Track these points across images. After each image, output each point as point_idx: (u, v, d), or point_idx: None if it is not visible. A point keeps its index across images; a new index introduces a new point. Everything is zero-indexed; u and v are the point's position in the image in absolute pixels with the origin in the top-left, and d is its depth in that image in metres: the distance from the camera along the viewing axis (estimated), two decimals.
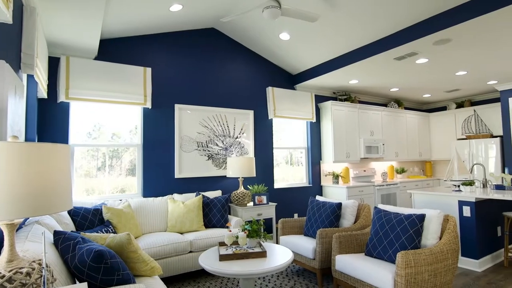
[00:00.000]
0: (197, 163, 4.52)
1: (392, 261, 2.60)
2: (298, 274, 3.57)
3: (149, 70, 4.15)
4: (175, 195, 4.08)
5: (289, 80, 5.73)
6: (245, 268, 2.44)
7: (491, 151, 6.18)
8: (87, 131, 3.93)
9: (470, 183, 3.99)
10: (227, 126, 4.84)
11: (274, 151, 5.47)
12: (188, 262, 3.41)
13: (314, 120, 5.81)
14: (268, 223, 5.08)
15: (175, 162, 4.33)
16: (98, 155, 4.01)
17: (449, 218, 2.72)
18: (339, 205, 3.50)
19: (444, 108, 7.74)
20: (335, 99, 6.29)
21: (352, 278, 2.71)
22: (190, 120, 4.50)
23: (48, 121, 3.63)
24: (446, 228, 2.68)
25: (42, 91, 3.13)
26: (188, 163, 4.43)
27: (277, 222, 5.14)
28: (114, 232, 3.07)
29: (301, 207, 5.63)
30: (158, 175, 4.22)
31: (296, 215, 5.54)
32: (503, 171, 5.95)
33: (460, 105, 7.15)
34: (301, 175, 5.87)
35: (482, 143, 6.32)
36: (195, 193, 4.22)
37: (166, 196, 4.01)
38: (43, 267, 1.24)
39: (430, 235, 2.65)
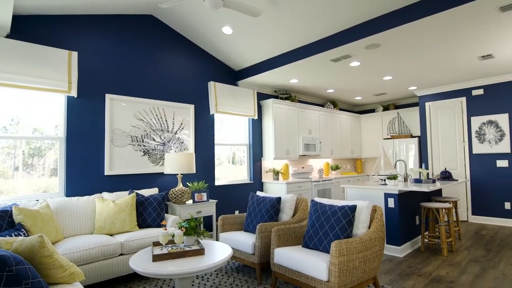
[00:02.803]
0: (131, 159, 4.19)
1: (327, 251, 2.70)
2: (238, 271, 3.53)
3: (75, 54, 3.71)
4: (105, 194, 3.72)
5: (232, 76, 5.67)
6: (181, 267, 2.30)
7: (411, 150, 6.92)
8: (2, 125, 3.36)
9: (394, 177, 4.38)
10: (166, 120, 4.58)
11: (216, 148, 5.36)
12: (118, 266, 3.12)
13: (256, 117, 5.85)
14: (208, 221, 4.96)
15: (105, 157, 3.95)
16: (15, 153, 3.45)
17: (376, 208, 2.93)
18: (278, 200, 3.55)
19: (373, 111, 8.45)
20: (276, 97, 6.42)
21: (290, 270, 2.75)
22: (123, 112, 4.15)
23: None
24: (374, 217, 2.88)
25: None
26: (120, 159, 4.08)
27: (217, 220, 5.03)
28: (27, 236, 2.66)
29: (242, 204, 5.62)
30: (85, 172, 3.81)
31: (237, 212, 5.51)
32: (420, 167, 6.71)
33: (386, 108, 7.88)
34: (243, 174, 5.85)
35: (404, 143, 7.04)
36: (128, 191, 3.90)
37: (94, 195, 3.63)
38: None
39: (361, 225, 2.82)
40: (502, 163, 5.59)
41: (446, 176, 4.97)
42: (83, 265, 2.89)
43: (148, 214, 3.66)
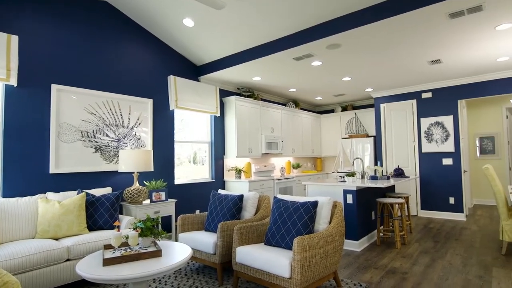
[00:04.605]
0: (81, 156, 3.86)
1: (289, 247, 2.68)
2: (198, 272, 3.39)
3: (15, 38, 3.32)
4: (50, 194, 3.37)
5: (193, 71, 5.49)
6: (135, 271, 2.13)
7: (367, 149, 7.24)
8: None
9: (352, 174, 4.52)
10: (121, 115, 4.29)
11: (177, 146, 5.14)
12: (64, 273, 2.84)
13: (218, 114, 5.72)
14: (167, 221, 4.75)
15: (50, 154, 3.58)
16: None
17: (337, 204, 2.98)
18: (240, 197, 3.48)
19: (332, 111, 8.72)
20: (239, 94, 6.35)
21: (252, 269, 2.69)
22: (72, 104, 3.80)
23: None
24: (334, 213, 2.92)
25: None
26: (68, 156, 3.74)
27: (177, 220, 4.83)
28: None
29: (204, 203, 5.46)
30: (26, 171, 3.42)
31: (198, 211, 5.34)
32: (376, 164, 7.04)
33: (344, 108, 8.17)
34: (205, 172, 5.69)
35: (361, 142, 7.35)
36: (76, 191, 3.58)
37: (37, 196, 3.28)
38: None
39: (322, 220, 2.84)
40: (447, 161, 6.04)
41: (399, 173, 5.25)
42: (22, 273, 2.58)
43: (100, 215, 3.38)
